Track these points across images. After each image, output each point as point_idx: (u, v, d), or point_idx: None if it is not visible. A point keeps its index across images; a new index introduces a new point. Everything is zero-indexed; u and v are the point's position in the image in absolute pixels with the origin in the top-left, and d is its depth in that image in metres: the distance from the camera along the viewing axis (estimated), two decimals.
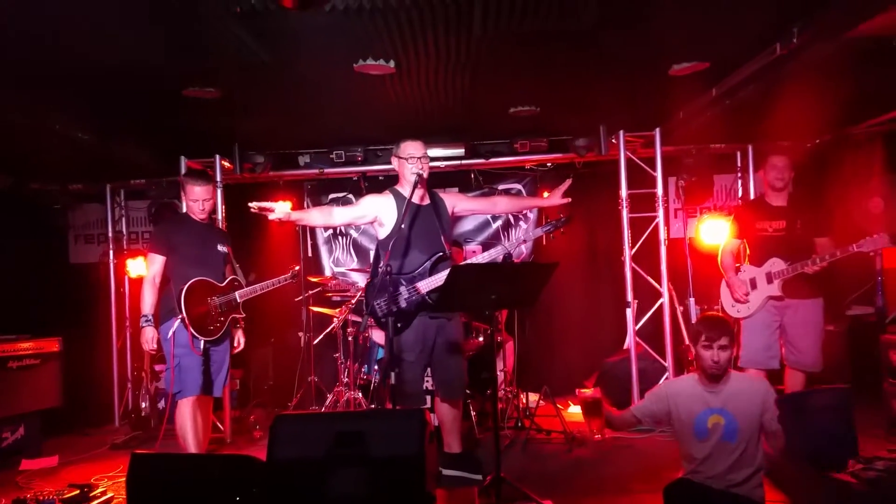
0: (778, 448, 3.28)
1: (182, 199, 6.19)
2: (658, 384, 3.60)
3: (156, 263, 4.61)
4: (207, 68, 4.35)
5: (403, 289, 4.28)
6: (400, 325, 4.20)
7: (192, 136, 6.05)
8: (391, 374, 3.89)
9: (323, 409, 6.21)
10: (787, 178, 4.95)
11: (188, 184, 4.71)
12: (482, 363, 5.67)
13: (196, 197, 4.66)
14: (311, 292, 6.89)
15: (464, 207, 4.79)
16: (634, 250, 6.23)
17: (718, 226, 6.10)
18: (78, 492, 4.30)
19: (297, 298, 6.96)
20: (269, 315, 6.92)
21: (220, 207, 6.27)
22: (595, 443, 5.39)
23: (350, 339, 6.12)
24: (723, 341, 3.26)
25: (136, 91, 4.66)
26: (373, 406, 5.74)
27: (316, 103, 5.21)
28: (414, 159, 4.36)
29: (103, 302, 7.25)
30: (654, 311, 6.33)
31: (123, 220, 7.53)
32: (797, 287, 4.79)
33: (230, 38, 3.76)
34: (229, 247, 4.88)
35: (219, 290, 4.65)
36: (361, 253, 7.64)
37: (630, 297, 6.16)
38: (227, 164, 6.49)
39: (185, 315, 4.39)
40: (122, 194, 7.48)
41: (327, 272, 7.64)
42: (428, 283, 4.31)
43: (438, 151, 6.50)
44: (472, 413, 5.55)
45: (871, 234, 4.56)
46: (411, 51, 4.09)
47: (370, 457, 2.91)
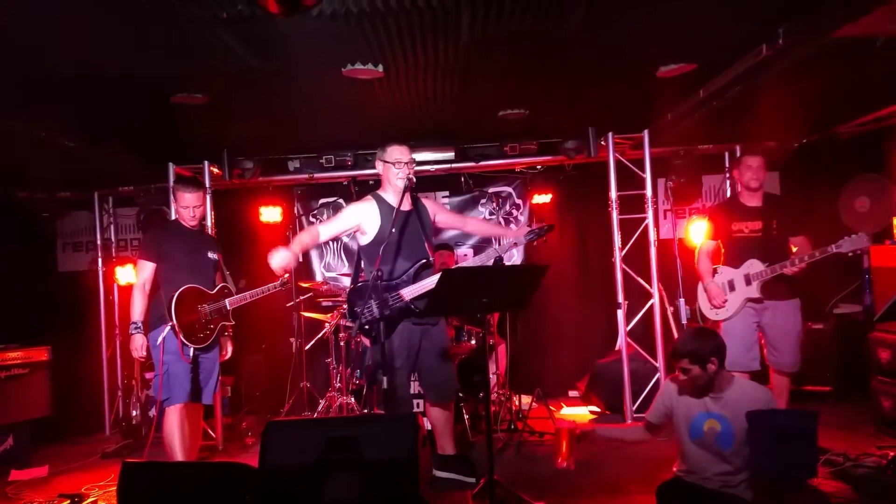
0: None
1: (171, 206, 6.21)
2: (665, 381, 3.61)
3: (146, 270, 4.59)
4: (195, 74, 4.34)
5: (387, 295, 4.27)
6: (385, 331, 4.19)
7: (181, 143, 6.02)
8: (382, 379, 3.89)
9: (315, 415, 6.20)
10: (763, 178, 4.91)
11: (179, 190, 4.69)
12: (474, 366, 5.68)
13: (186, 203, 4.64)
14: (302, 298, 6.87)
15: (442, 219, 4.75)
16: (625, 252, 6.25)
17: (705, 226, 6.10)
18: (69, 502, 4.30)
19: (288, 304, 6.93)
20: (260, 321, 6.90)
21: (210, 214, 6.23)
22: (586, 445, 5.39)
23: (342, 344, 6.11)
24: (682, 364, 3.28)
25: (124, 98, 4.64)
26: (365, 411, 5.73)
27: (305, 108, 5.20)
28: (401, 164, 4.34)
29: (92, 310, 7.22)
30: (644, 311, 6.35)
31: (112, 227, 7.50)
32: (775, 288, 4.77)
33: (217, 44, 3.76)
34: (219, 254, 4.87)
35: (209, 298, 4.63)
36: (352, 258, 7.59)
37: (621, 299, 6.18)
38: (215, 170, 6.47)
39: (175, 322, 4.38)
40: (110, 202, 7.46)
41: (318, 277, 7.63)
42: (412, 291, 4.30)
43: (428, 155, 6.51)
44: (465, 416, 5.55)
45: (851, 233, 4.51)
46: (400, 55, 4.09)
47: (363, 462, 2.91)
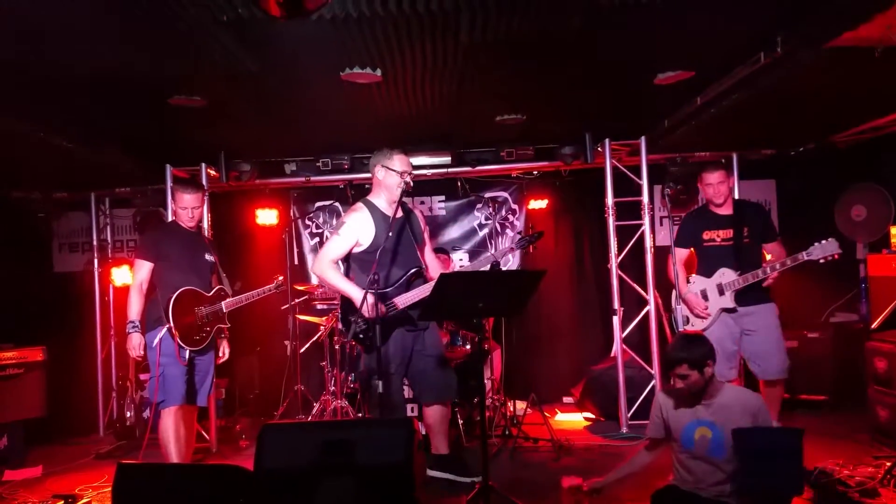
0: None
1: (167, 208, 6.20)
2: (657, 394, 3.59)
3: (143, 270, 4.58)
4: (194, 77, 4.34)
5: (381, 304, 4.27)
6: (379, 339, 4.18)
7: (178, 145, 6.02)
8: (377, 384, 3.90)
9: (310, 418, 6.19)
10: (726, 192, 4.87)
11: (178, 191, 4.70)
12: (470, 371, 5.67)
13: (185, 205, 4.64)
14: (297, 301, 6.86)
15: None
16: (621, 258, 6.25)
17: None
18: (63, 502, 4.28)
19: (283, 307, 6.91)
20: (254, 323, 6.90)
21: (207, 216, 6.23)
22: (583, 450, 5.41)
23: (337, 347, 6.10)
24: (680, 370, 3.22)
25: (122, 99, 4.64)
26: (360, 415, 5.72)
27: (302, 112, 5.20)
28: (407, 174, 4.43)
29: (88, 311, 7.20)
30: (640, 318, 6.35)
31: (108, 228, 7.48)
32: (749, 295, 4.75)
33: (216, 47, 3.75)
34: (216, 256, 4.87)
35: (206, 300, 4.63)
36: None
37: (617, 305, 6.18)
38: (213, 172, 6.47)
39: (172, 324, 4.37)
40: (106, 203, 7.44)
41: (314, 280, 7.61)
42: (406, 299, 4.33)
43: (425, 159, 6.51)
44: (460, 421, 5.54)
45: (821, 239, 4.46)
46: (398, 59, 4.09)
47: (358, 466, 2.90)
